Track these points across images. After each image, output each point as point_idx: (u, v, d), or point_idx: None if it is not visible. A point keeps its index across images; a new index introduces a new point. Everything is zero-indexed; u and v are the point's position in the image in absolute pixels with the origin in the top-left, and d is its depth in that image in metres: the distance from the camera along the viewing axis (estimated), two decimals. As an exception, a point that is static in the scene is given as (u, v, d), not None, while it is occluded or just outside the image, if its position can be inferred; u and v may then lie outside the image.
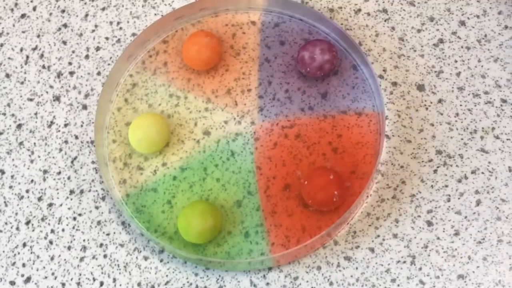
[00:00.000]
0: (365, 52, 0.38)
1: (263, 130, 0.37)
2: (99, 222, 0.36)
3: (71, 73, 0.39)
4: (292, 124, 0.37)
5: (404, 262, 0.34)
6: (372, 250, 0.35)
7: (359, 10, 0.40)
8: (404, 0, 0.40)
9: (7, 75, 0.40)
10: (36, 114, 0.38)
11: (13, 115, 0.38)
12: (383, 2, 0.40)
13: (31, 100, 0.39)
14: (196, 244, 0.35)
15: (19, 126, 0.38)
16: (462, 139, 0.36)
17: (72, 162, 0.37)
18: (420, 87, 0.37)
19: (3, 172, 0.37)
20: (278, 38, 0.39)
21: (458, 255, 0.34)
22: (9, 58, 0.40)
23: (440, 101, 0.37)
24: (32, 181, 0.37)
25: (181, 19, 0.40)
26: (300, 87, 0.38)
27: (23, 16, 0.41)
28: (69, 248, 0.36)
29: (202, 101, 0.38)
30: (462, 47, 0.38)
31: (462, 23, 0.37)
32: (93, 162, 0.37)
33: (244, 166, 0.36)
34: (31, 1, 0.41)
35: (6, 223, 0.36)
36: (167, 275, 0.35)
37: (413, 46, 0.38)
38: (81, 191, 0.37)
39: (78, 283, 0.35)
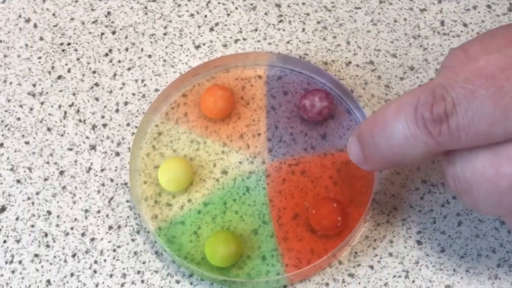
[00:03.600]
0: (357, 98, 0.42)
1: (273, 168, 0.40)
2: (135, 253, 0.39)
3: (104, 125, 0.43)
4: (297, 162, 0.40)
5: (400, 276, 0.38)
6: (371, 267, 0.38)
7: (350, 62, 0.44)
8: (387, 53, 0.44)
9: (49, 129, 0.43)
10: (75, 161, 0.42)
11: (55, 163, 0.42)
12: (370, 55, 0.44)
13: (70, 149, 0.42)
14: (221, 268, 0.38)
15: (62, 172, 0.41)
16: (442, 170, 0.38)
17: (109, 201, 0.40)
18: None
19: (50, 213, 0.40)
20: (282, 89, 0.43)
21: (445, 268, 0.38)
22: (49, 114, 0.43)
23: None
24: (75, 219, 0.40)
25: (197, 75, 0.43)
26: (302, 130, 0.41)
27: (59, 77, 0.44)
28: (111, 275, 0.39)
29: (219, 145, 0.41)
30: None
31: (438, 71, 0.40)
32: (127, 201, 0.40)
33: (258, 199, 0.40)
34: (66, 64, 0.45)
35: (55, 257, 0.39)
36: None
37: (397, 92, 0.42)
38: (119, 226, 0.40)
39: None
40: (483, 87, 0.28)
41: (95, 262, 0.39)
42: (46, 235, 0.40)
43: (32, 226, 0.40)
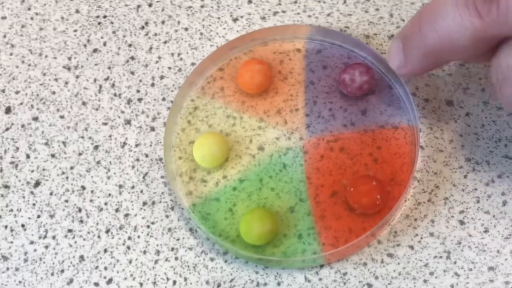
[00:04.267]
0: None
1: (310, 145, 0.40)
2: (169, 229, 0.39)
3: (139, 100, 0.42)
4: (336, 139, 0.40)
5: (441, 257, 0.37)
6: (411, 247, 0.37)
7: (392, 35, 0.42)
8: None
9: (84, 103, 0.42)
10: (110, 136, 0.41)
11: (90, 137, 0.41)
12: None
13: (105, 124, 0.42)
14: (256, 246, 0.37)
15: (96, 147, 0.41)
16: (488, 147, 0.39)
17: (143, 177, 0.40)
18: (449, 103, 0.40)
19: (84, 188, 0.40)
20: (321, 63, 0.42)
21: (488, 250, 0.36)
22: (84, 88, 0.43)
23: (467, 114, 0.39)
24: (109, 195, 0.40)
25: (234, 49, 0.42)
26: (342, 105, 0.40)
27: (95, 50, 0.44)
28: (144, 252, 0.38)
29: (255, 120, 0.41)
30: (485, 66, 0.40)
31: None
32: (162, 177, 0.40)
33: (295, 176, 0.39)
34: (102, 37, 0.44)
35: (88, 232, 0.39)
36: (231, 274, 0.37)
37: (442, 66, 0.41)
38: (153, 203, 0.39)
39: (154, 283, 0.37)
40: None
41: (129, 238, 0.39)
42: (80, 210, 0.40)
43: (66, 201, 0.40)
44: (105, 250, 0.39)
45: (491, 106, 0.39)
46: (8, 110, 0.43)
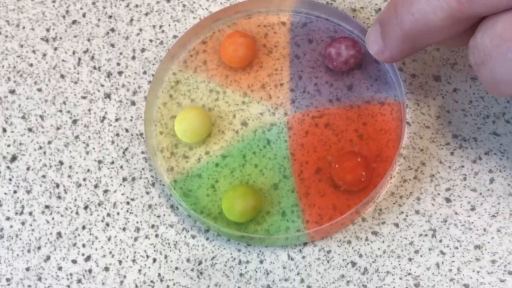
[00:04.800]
0: None
1: (295, 120, 0.39)
2: (150, 206, 0.38)
3: (120, 73, 0.41)
4: (321, 114, 0.39)
5: (426, 235, 0.36)
6: (396, 225, 0.37)
7: (380, 9, 0.41)
8: None
9: (62, 76, 0.41)
10: (89, 110, 0.40)
11: (68, 111, 0.40)
12: None
13: (84, 98, 0.41)
14: (239, 223, 0.37)
15: (75, 121, 0.40)
16: (475, 124, 0.38)
17: (123, 152, 0.39)
18: (437, 78, 0.39)
19: (62, 163, 0.39)
20: (306, 36, 0.41)
21: (475, 228, 0.36)
22: (63, 60, 0.42)
23: (455, 90, 0.39)
24: (88, 170, 0.39)
25: (218, 21, 0.41)
26: (327, 80, 0.40)
27: (74, 22, 0.43)
28: (124, 229, 0.38)
29: (239, 95, 0.40)
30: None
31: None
32: (142, 152, 0.39)
33: (279, 152, 0.38)
34: (81, 9, 0.43)
35: (66, 209, 0.38)
36: (213, 251, 0.37)
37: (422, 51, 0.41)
38: (133, 179, 0.39)
39: (133, 260, 0.37)
40: None
41: (108, 215, 0.38)
42: (57, 186, 0.39)
43: (44, 176, 0.39)
44: (83, 227, 0.38)
45: (479, 82, 0.39)
46: (-16, 83, 0.42)
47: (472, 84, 0.39)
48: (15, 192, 0.39)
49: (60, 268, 0.37)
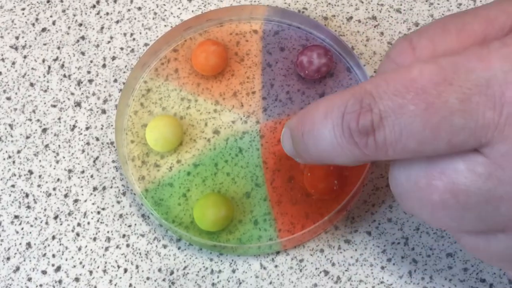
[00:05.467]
0: (358, 55, 0.40)
1: (267, 128, 0.39)
2: (121, 215, 0.38)
3: (90, 81, 0.41)
4: None
5: (399, 243, 0.36)
6: (369, 233, 0.36)
7: (351, 17, 0.42)
8: (391, 8, 0.42)
9: (31, 84, 0.41)
10: (59, 119, 0.40)
11: (38, 120, 0.40)
12: (372, 10, 0.42)
13: (54, 106, 0.40)
14: (211, 232, 0.36)
15: (44, 130, 0.40)
16: None
17: (94, 161, 0.39)
18: None
19: (31, 172, 0.39)
20: (278, 44, 0.41)
21: (447, 236, 0.36)
22: (32, 68, 0.41)
23: None
24: (58, 179, 0.39)
25: (189, 29, 0.41)
26: (299, 88, 0.40)
27: (43, 30, 0.42)
28: (94, 239, 0.37)
29: (211, 103, 0.40)
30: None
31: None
32: (113, 161, 0.39)
33: (252, 161, 0.38)
34: (51, 16, 0.42)
35: (36, 218, 0.38)
36: (184, 261, 0.36)
37: None
38: (104, 188, 0.38)
39: (104, 270, 0.36)
40: (412, 102, 0.26)
41: (78, 224, 0.38)
42: (27, 195, 0.38)
43: (13, 186, 0.39)
44: (53, 237, 0.38)
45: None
46: (-49, 91, 0.41)
47: (443, 92, 0.39)
48: (-17, 202, 0.38)
49: (29, 279, 0.37)
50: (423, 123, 0.26)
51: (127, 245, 0.37)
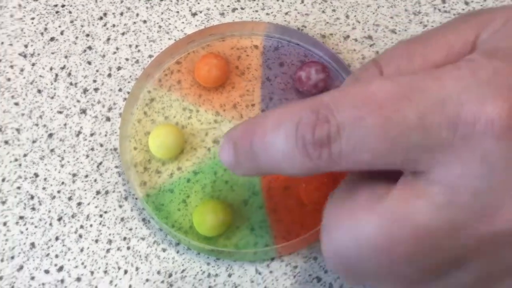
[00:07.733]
0: None
1: None
2: (122, 219, 0.39)
3: (96, 90, 0.42)
4: None
5: None
6: None
7: (348, 36, 0.43)
8: (386, 29, 0.43)
9: (39, 91, 0.42)
10: (65, 125, 0.41)
11: (44, 125, 0.41)
12: (368, 30, 0.43)
13: (60, 112, 0.42)
14: (209, 237, 0.37)
15: (50, 135, 0.41)
16: None
17: (97, 166, 0.40)
18: None
19: (37, 175, 0.40)
20: (278, 60, 0.42)
21: None
22: (40, 76, 0.43)
23: None
24: (62, 183, 0.40)
25: (192, 43, 0.42)
26: None
27: (52, 39, 0.44)
28: (96, 241, 0.38)
29: (211, 114, 0.41)
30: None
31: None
32: (116, 167, 0.40)
33: None
34: (59, 26, 0.44)
35: (40, 220, 0.39)
36: (183, 264, 0.37)
37: None
38: (106, 192, 0.39)
39: (105, 271, 0.37)
40: (370, 116, 0.26)
41: (81, 226, 0.39)
42: (32, 197, 0.39)
43: (18, 188, 0.40)
44: (57, 238, 0.39)
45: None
46: (-39, 95, 0.42)
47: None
48: (-11, 202, 0.40)
49: (32, 278, 0.38)
50: (378, 137, 0.26)
51: (128, 248, 0.38)
